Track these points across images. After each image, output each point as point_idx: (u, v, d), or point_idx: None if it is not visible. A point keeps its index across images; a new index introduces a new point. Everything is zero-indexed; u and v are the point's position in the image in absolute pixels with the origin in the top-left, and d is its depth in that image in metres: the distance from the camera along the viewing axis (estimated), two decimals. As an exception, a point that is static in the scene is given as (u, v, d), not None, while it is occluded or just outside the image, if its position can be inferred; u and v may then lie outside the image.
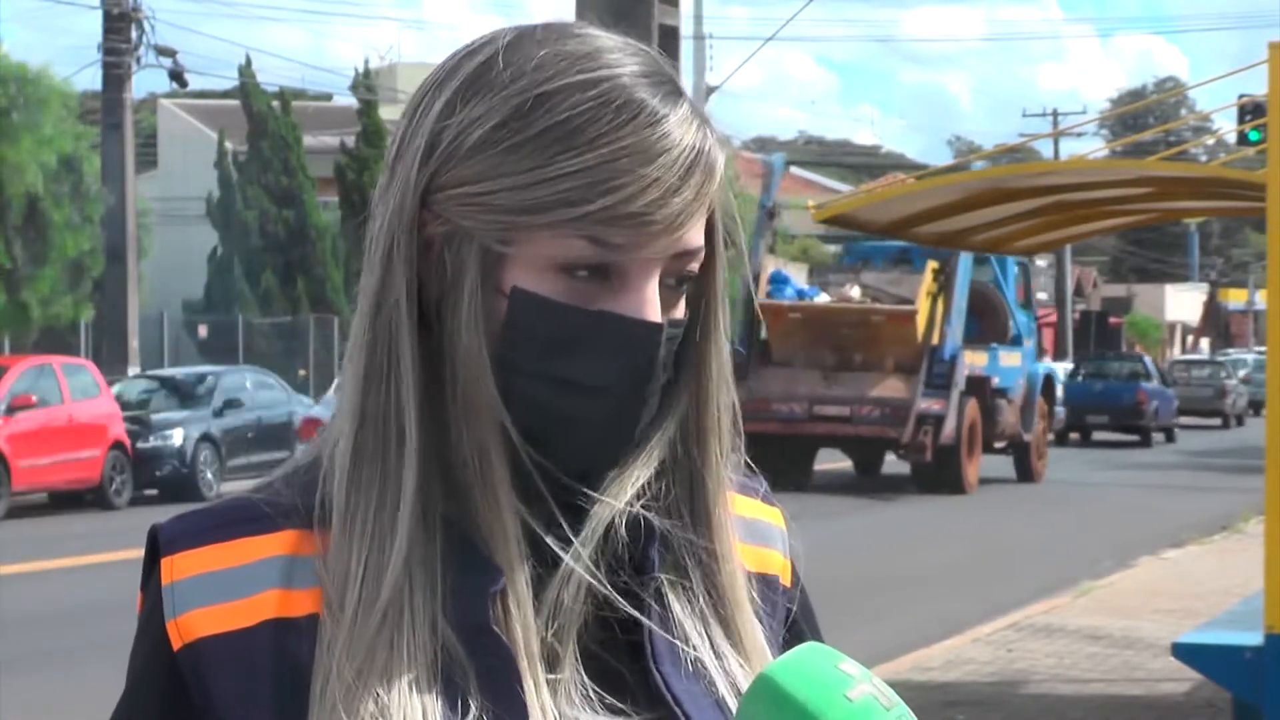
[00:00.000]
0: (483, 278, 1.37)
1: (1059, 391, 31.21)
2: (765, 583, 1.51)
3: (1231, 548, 18.63)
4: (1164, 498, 26.08)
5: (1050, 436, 30.46)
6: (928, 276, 25.29)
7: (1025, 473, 28.61)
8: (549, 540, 1.38)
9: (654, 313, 1.37)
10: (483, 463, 1.38)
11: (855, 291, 25.58)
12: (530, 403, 1.37)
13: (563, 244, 1.35)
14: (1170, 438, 43.01)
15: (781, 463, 23.91)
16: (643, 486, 1.42)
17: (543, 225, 1.35)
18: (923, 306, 25.06)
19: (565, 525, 1.39)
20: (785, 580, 1.55)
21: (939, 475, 25.49)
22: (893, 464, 28.04)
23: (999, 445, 27.89)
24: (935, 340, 25.20)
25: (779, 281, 25.81)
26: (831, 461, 30.49)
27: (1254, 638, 8.13)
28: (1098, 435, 41.61)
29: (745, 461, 1.55)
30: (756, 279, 24.93)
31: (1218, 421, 49.87)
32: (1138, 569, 17.55)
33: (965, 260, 25.25)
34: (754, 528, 1.54)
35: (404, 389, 1.38)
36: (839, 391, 25.04)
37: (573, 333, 1.36)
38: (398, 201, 1.39)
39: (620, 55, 1.39)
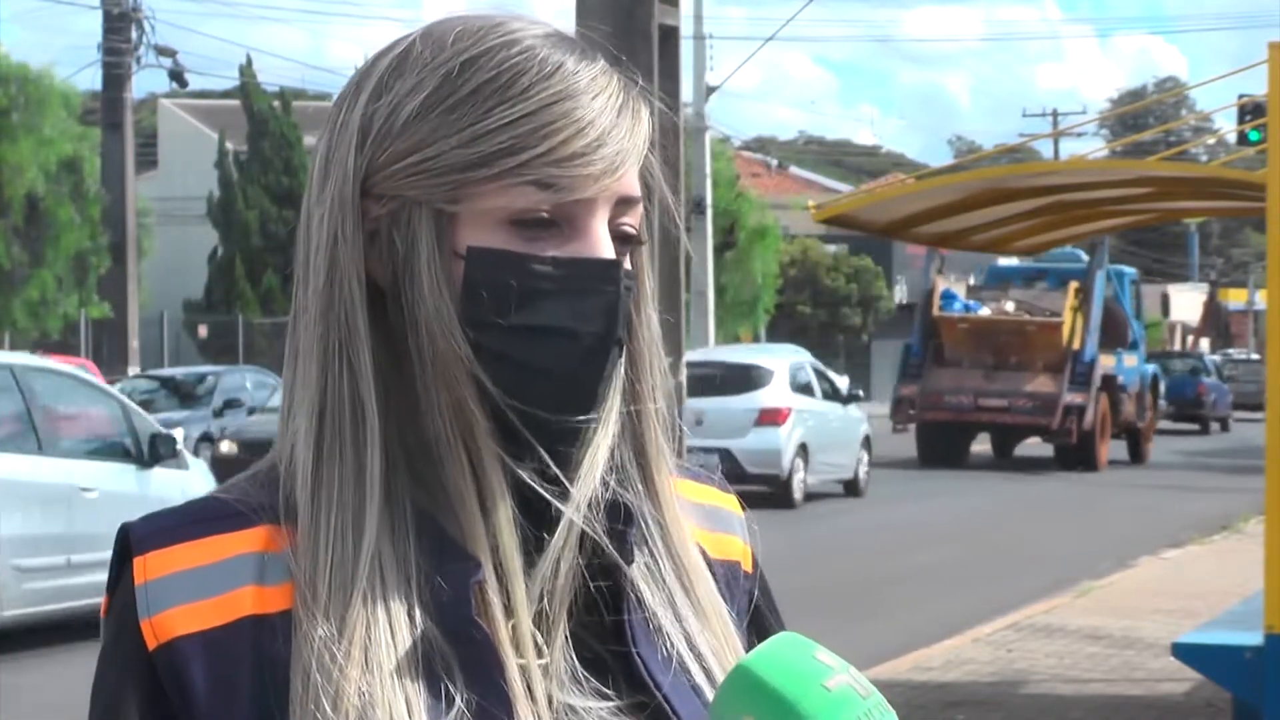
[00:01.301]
0: (438, 243, 1.38)
1: (1161, 387, 37.49)
2: (727, 569, 1.52)
3: (1231, 548, 18.62)
4: (1164, 498, 26.08)
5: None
6: (1070, 294, 30.76)
7: (1137, 454, 34.24)
8: (541, 488, 1.39)
9: (607, 251, 1.39)
10: (459, 421, 1.38)
11: (1010, 305, 31.21)
12: (500, 357, 1.38)
13: (511, 193, 1.37)
14: (1225, 427, 47.94)
15: (948, 444, 31.08)
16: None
17: (489, 178, 1.37)
18: (1067, 318, 30.58)
19: (551, 468, 1.39)
20: (746, 566, 1.56)
21: (1079, 455, 31.07)
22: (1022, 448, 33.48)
23: (1113, 431, 33.06)
24: (1077, 346, 30.64)
25: (948, 298, 31.36)
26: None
27: (1254, 638, 8.13)
28: (1161, 425, 44.70)
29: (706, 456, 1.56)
30: (930, 295, 31.15)
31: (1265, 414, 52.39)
32: (1138, 569, 17.55)
33: (1100, 280, 30.88)
34: (712, 514, 1.54)
35: (361, 377, 1.39)
36: (998, 387, 30.64)
37: (532, 281, 1.37)
38: (337, 194, 1.40)
39: (528, 24, 1.43)
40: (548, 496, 1.39)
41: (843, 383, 27.54)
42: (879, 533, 20.94)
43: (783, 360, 24.71)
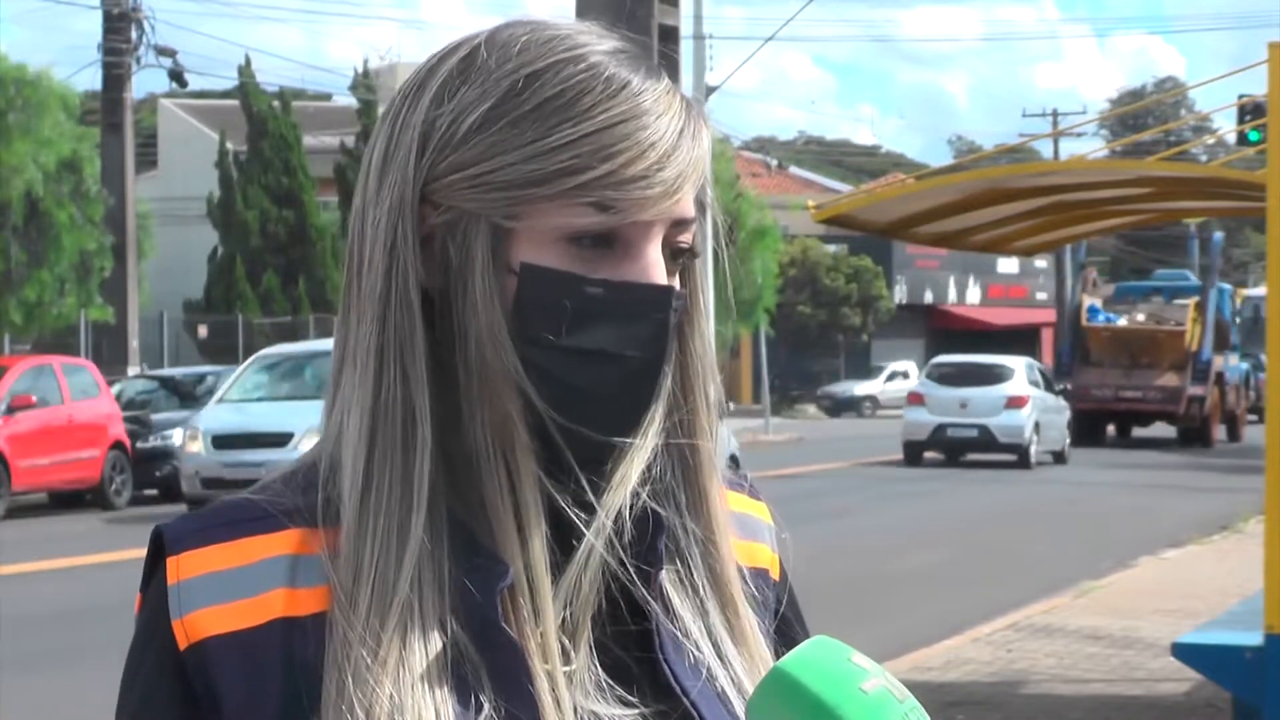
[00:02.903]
0: (493, 257, 1.39)
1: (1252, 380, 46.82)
2: (755, 576, 1.52)
3: (1231, 548, 18.62)
4: (1164, 498, 26.09)
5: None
6: (1191, 308, 39.35)
7: (1235, 434, 42.72)
8: (575, 516, 1.39)
9: (661, 276, 1.39)
10: (502, 437, 1.39)
11: (1141, 317, 40.05)
12: (547, 376, 1.38)
13: (569, 212, 1.37)
14: None
15: (1092, 428, 39.19)
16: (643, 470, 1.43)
17: (549, 196, 1.37)
18: (1189, 327, 39.07)
19: (587, 494, 1.40)
20: (774, 574, 1.56)
21: (1197, 435, 39.64)
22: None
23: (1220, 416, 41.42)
24: (1196, 349, 39.08)
25: (1093, 311, 40.06)
26: (829, 462, 30.54)
27: (1254, 638, 8.13)
28: None
29: (732, 457, 1.57)
30: (1078, 309, 39.83)
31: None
32: (1138, 569, 17.55)
33: (1213, 297, 39.49)
34: (742, 522, 1.55)
35: (415, 382, 1.39)
36: (1134, 382, 39.04)
37: (584, 302, 1.38)
38: (396, 198, 1.40)
39: (595, 37, 1.43)
40: (577, 522, 1.39)
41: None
42: (879, 533, 20.94)
43: (1020, 360, 34.53)
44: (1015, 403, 32.27)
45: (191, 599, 1.38)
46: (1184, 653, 8.89)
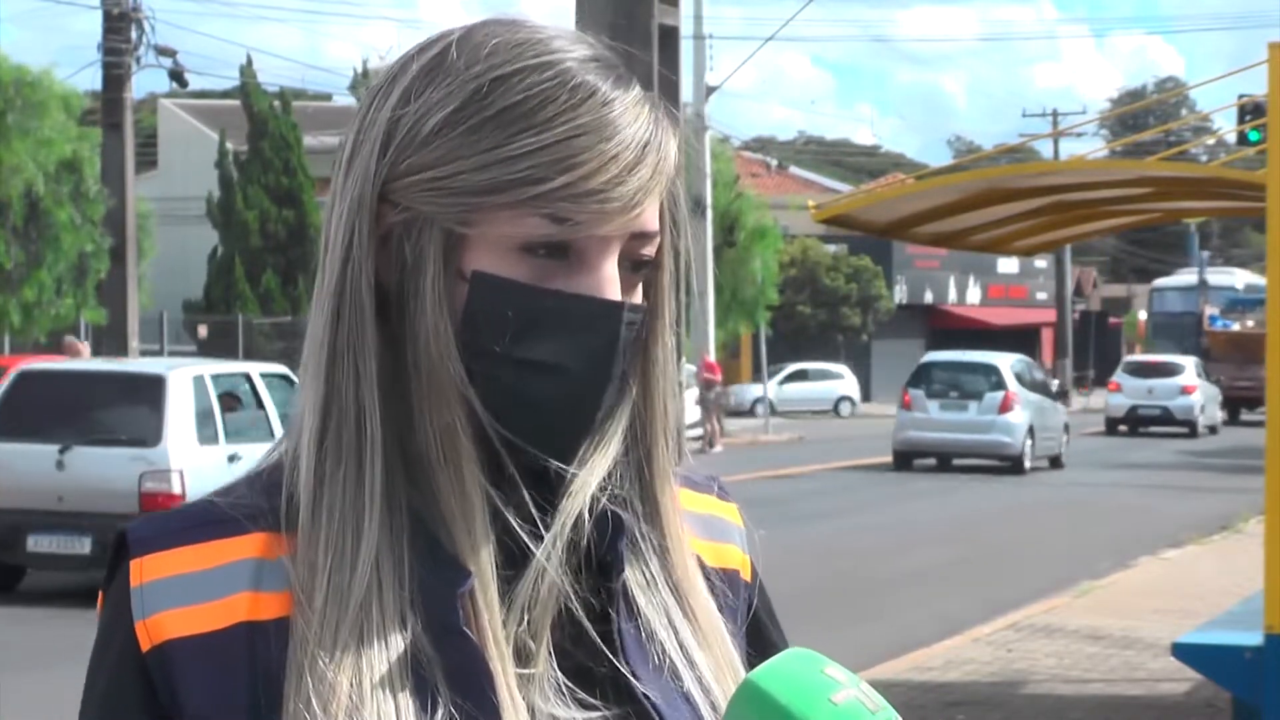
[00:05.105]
0: (444, 262, 1.37)
1: None
2: (725, 578, 1.52)
3: (1231, 548, 18.63)
4: (1164, 498, 26.09)
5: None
6: None
7: None
8: (518, 526, 1.38)
9: (614, 291, 1.37)
10: (448, 443, 1.37)
11: (1251, 323, 48.84)
12: (494, 384, 1.37)
13: (523, 223, 1.36)
14: None
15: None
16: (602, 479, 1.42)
17: (503, 205, 1.35)
18: None
19: (534, 509, 1.39)
20: (745, 575, 1.55)
21: None
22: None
23: None
24: None
25: (1214, 319, 51.81)
26: (829, 462, 30.56)
27: (1254, 638, 8.13)
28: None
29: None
30: (1200, 318, 51.80)
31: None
32: (1138, 569, 17.56)
33: None
34: (710, 524, 1.54)
35: (365, 380, 1.38)
36: (1246, 375, 47.84)
37: (534, 314, 1.36)
38: (356, 195, 1.39)
39: (568, 42, 1.40)
40: (522, 535, 1.38)
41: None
42: (879, 533, 20.94)
43: (1190, 359, 47.06)
44: (1188, 390, 44.66)
45: (155, 601, 1.38)
46: (1184, 653, 8.89)
